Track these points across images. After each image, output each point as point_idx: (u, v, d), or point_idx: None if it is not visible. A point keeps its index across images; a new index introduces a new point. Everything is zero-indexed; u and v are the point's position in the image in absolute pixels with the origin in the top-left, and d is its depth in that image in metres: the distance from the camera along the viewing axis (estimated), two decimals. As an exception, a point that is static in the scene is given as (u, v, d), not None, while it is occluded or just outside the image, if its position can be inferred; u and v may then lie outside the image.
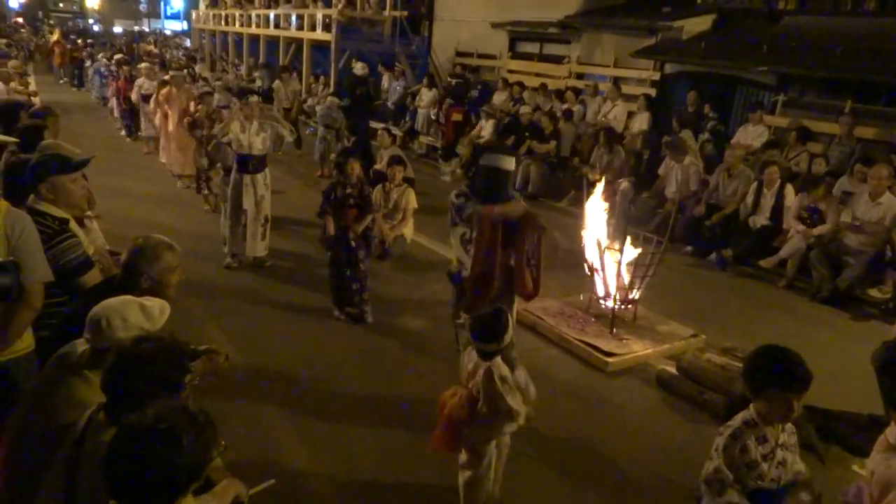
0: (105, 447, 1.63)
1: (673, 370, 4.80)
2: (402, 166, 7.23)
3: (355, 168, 5.41)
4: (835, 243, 6.55)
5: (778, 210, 7.16)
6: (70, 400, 2.09)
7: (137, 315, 2.17)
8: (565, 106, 11.16)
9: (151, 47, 24.46)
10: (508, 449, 3.29)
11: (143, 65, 12.15)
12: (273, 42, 18.43)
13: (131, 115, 12.29)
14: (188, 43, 29.86)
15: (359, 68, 11.78)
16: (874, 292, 6.31)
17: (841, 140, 8.12)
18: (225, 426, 3.67)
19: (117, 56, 14.48)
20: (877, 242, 6.31)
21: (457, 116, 11.80)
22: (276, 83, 13.04)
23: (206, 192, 8.33)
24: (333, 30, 15.23)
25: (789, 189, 7.15)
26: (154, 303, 2.28)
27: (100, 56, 17.22)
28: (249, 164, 6.31)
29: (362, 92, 11.56)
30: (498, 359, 2.99)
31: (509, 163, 4.01)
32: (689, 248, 7.77)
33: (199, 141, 8.17)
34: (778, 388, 2.31)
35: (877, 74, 8.51)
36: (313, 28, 16.12)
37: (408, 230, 7.17)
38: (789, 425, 2.47)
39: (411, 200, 7.13)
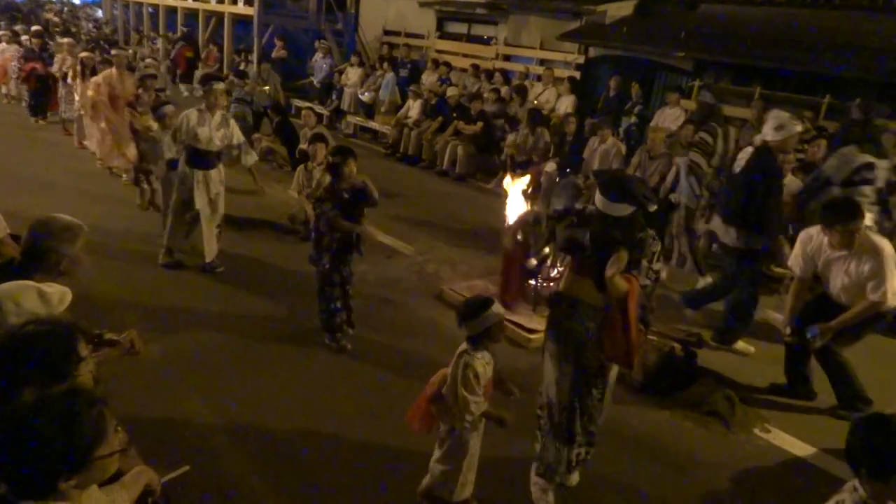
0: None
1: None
2: (325, 144, 7.09)
3: (353, 169, 4.48)
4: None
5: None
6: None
7: (34, 300, 2.06)
8: (494, 86, 11.28)
9: (51, 16, 22.68)
10: (475, 458, 3.13)
11: (65, 39, 11.32)
12: (192, 15, 17.61)
13: (40, 93, 11.29)
14: (99, 13, 28.09)
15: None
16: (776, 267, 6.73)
17: (752, 125, 8.53)
18: (149, 419, 3.58)
19: (34, 27, 13.21)
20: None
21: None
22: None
23: (144, 185, 7.44)
24: (256, 4, 14.72)
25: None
26: (54, 289, 2.17)
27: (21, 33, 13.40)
28: (205, 160, 5.54)
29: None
30: (480, 353, 2.92)
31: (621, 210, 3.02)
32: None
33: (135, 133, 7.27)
34: None
35: (782, 62, 9.00)
36: (235, 2, 15.54)
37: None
38: None
39: (336, 180, 7.03)
